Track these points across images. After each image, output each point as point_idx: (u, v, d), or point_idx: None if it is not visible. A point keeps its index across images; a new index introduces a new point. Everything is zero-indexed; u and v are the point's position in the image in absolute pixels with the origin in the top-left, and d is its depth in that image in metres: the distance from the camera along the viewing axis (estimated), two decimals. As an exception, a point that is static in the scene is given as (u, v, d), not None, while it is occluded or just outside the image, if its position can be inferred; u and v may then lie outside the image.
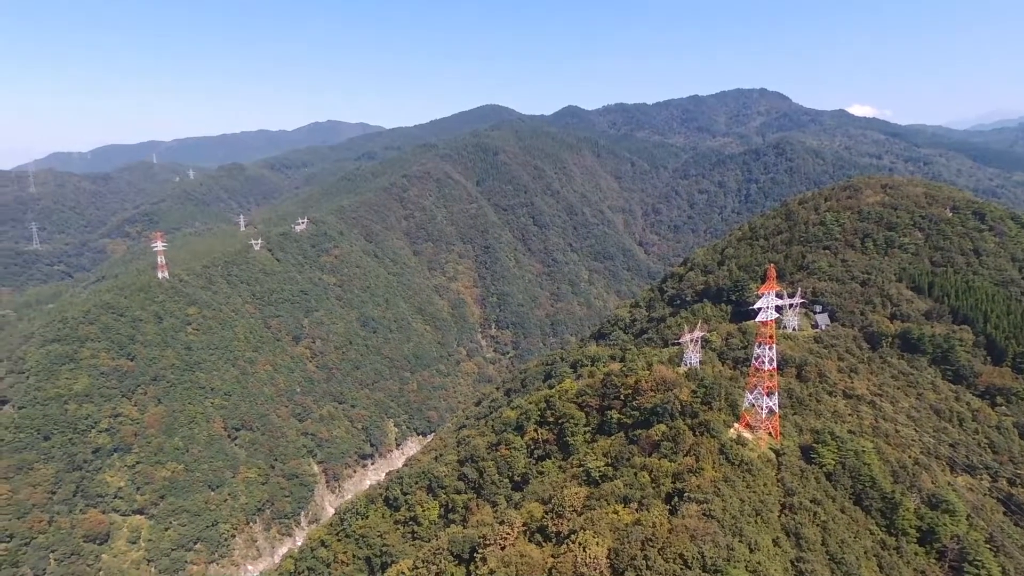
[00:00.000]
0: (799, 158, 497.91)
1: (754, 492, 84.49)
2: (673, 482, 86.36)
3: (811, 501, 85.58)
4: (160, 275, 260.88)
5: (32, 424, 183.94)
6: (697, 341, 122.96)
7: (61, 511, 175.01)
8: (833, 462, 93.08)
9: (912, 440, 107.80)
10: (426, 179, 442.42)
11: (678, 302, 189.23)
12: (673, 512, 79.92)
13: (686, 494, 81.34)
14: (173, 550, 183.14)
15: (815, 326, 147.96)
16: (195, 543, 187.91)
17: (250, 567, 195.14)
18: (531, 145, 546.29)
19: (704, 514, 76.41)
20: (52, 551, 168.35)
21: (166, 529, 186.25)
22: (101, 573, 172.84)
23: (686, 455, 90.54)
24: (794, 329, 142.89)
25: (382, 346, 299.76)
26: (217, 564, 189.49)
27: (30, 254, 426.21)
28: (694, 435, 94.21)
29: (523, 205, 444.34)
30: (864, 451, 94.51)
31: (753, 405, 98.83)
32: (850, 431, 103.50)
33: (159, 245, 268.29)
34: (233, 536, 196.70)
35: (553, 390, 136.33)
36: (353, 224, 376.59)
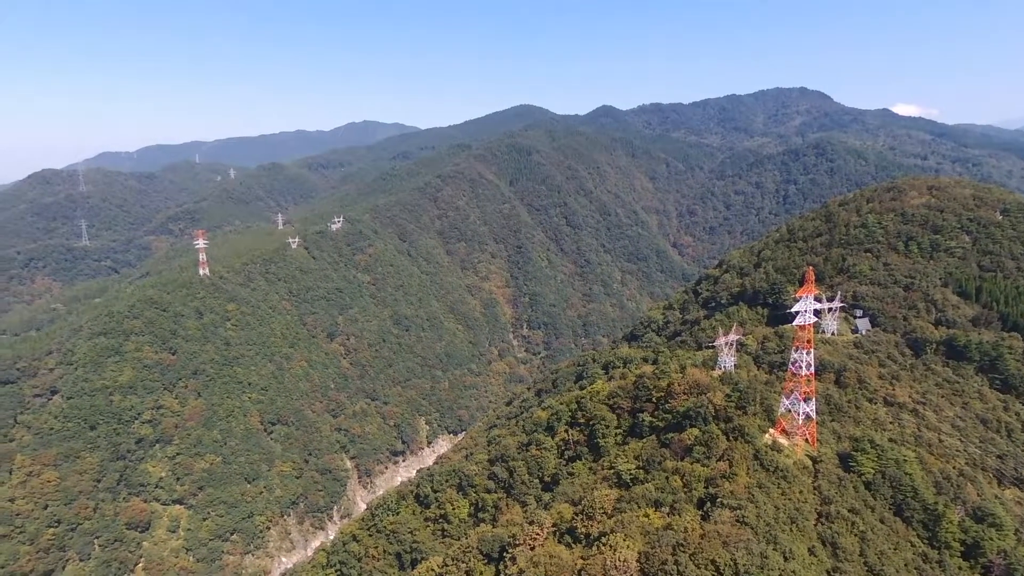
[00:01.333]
0: (840, 159, 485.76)
1: (789, 499, 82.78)
2: (706, 487, 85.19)
3: (849, 510, 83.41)
4: (201, 272, 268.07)
5: (79, 414, 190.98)
6: (732, 344, 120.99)
7: (105, 499, 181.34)
8: (873, 471, 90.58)
9: (957, 450, 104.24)
10: (460, 179, 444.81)
11: (713, 304, 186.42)
12: (705, 518, 78.81)
13: (719, 499, 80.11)
14: (210, 540, 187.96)
15: (855, 331, 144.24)
16: (231, 534, 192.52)
17: (284, 559, 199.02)
18: (565, 145, 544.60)
19: (737, 520, 75.20)
20: (97, 537, 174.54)
21: (204, 519, 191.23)
22: (142, 560, 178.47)
23: (719, 460, 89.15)
24: (833, 334, 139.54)
25: (414, 344, 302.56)
26: (252, 555, 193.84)
27: (79, 250, 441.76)
28: (728, 440, 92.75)
29: (556, 205, 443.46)
30: (906, 460, 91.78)
31: (789, 411, 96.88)
32: (891, 439, 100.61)
33: (201, 243, 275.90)
34: (268, 528, 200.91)
35: (584, 391, 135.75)
36: (387, 223, 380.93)
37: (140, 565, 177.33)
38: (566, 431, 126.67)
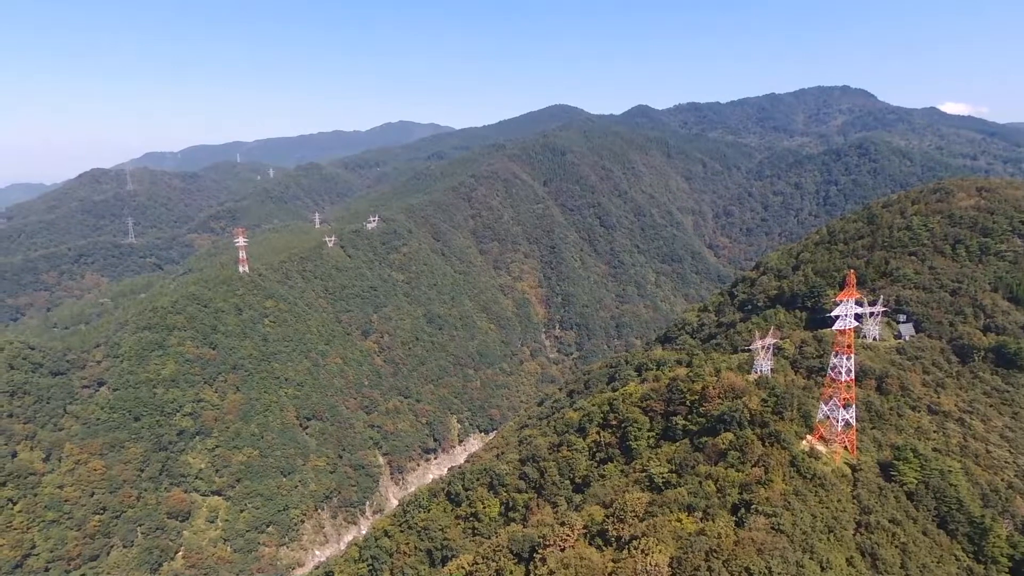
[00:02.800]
0: (884, 159, 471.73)
1: (827, 508, 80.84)
2: (740, 493, 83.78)
3: (890, 521, 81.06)
4: (241, 269, 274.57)
5: (124, 405, 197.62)
6: (769, 348, 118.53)
7: (148, 488, 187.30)
8: (915, 481, 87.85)
9: (1006, 462, 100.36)
10: (493, 179, 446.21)
11: (749, 307, 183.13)
12: (739, 524, 77.57)
13: (754, 506, 78.74)
14: (247, 531, 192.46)
15: (898, 336, 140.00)
16: (267, 526, 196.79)
17: (317, 552, 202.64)
18: (599, 145, 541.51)
19: (772, 528, 73.81)
20: (139, 524, 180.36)
21: (241, 511, 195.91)
22: (182, 549, 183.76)
23: (754, 466, 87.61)
24: (875, 339, 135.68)
25: (447, 343, 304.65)
26: (287, 547, 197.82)
27: (126, 247, 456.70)
28: (763, 445, 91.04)
29: (590, 206, 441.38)
30: (950, 471, 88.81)
31: (828, 417, 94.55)
32: (935, 449, 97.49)
33: (241, 241, 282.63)
34: (302, 521, 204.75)
35: (617, 393, 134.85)
36: (422, 223, 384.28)
37: (180, 554, 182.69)
38: (598, 433, 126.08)
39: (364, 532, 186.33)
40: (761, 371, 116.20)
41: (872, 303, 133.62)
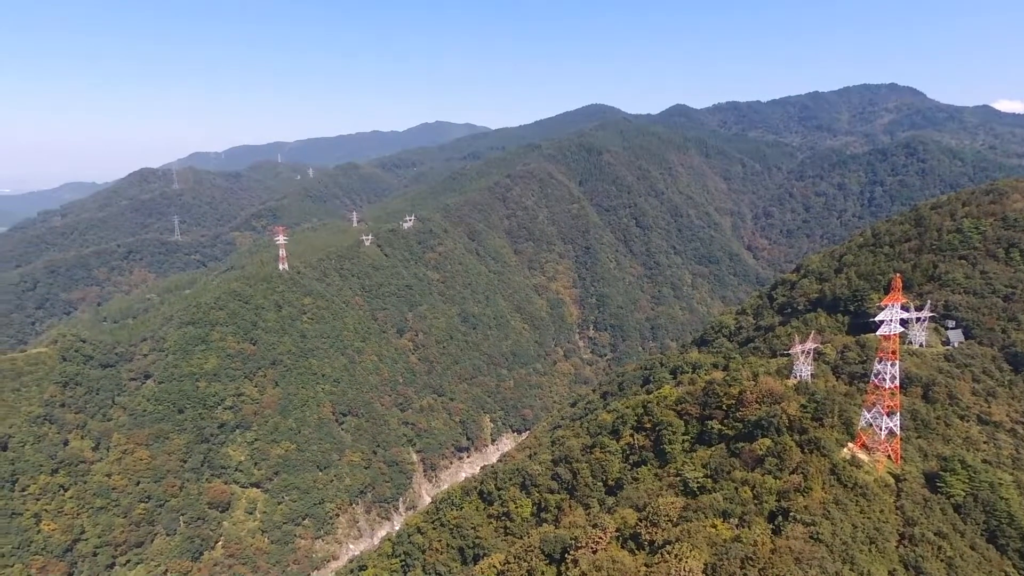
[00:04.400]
0: (933, 159, 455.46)
1: (868, 518, 78.56)
2: (777, 500, 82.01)
3: (935, 534, 78.24)
4: (281, 267, 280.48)
5: (169, 398, 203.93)
6: (809, 353, 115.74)
7: (190, 478, 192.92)
8: (963, 493, 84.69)
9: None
10: (529, 179, 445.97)
11: (789, 310, 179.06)
12: (776, 532, 75.96)
13: (791, 514, 76.98)
14: (284, 523, 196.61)
15: (946, 343, 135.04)
16: (303, 519, 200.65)
17: (352, 546, 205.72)
18: (636, 145, 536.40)
19: (811, 537, 72.08)
20: (182, 514, 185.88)
21: (279, 503, 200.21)
22: (222, 539, 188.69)
23: (792, 473, 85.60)
24: (921, 345, 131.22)
25: (481, 342, 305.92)
26: (322, 540, 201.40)
27: (172, 244, 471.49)
28: (802, 452, 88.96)
29: (626, 206, 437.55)
30: (1001, 483, 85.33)
31: (871, 425, 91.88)
32: (984, 460, 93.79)
33: (281, 239, 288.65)
34: (337, 515, 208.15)
35: (651, 395, 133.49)
36: (457, 222, 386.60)
37: (220, 543, 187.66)
38: (631, 435, 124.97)
39: (397, 528, 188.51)
40: (801, 376, 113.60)
41: (919, 308, 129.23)
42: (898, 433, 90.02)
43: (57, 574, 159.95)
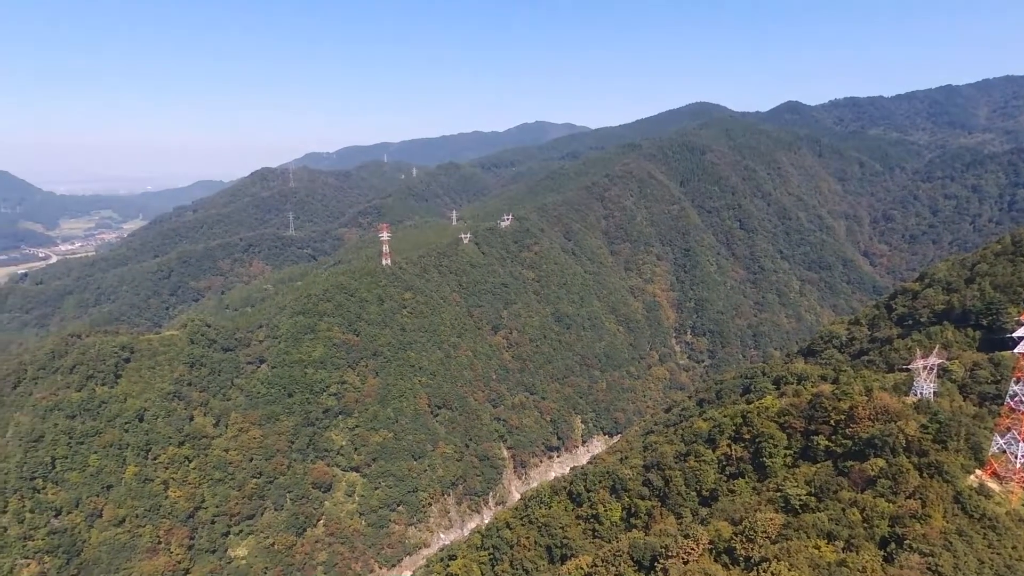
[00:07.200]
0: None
1: (998, 554, 71.23)
2: (890, 526, 76.24)
3: (1080, 578, 69.80)
4: (384, 262, 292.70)
5: (280, 382, 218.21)
6: (932, 369, 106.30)
7: (297, 459, 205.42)
8: (1116, 535, 74.90)
9: None
10: (628, 179, 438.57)
11: (909, 322, 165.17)
12: (888, 560, 70.65)
13: (906, 541, 71.35)
14: (380, 508, 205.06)
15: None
16: (398, 505, 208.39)
17: (442, 535, 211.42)
18: (743, 144, 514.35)
19: (929, 568, 66.50)
20: (289, 491, 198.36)
21: (375, 488, 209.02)
22: (323, 518, 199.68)
23: (909, 497, 79.20)
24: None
25: (574, 343, 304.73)
26: (415, 527, 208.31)
27: (287, 239, 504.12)
28: (921, 476, 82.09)
29: (729, 207, 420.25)
30: None
31: (1004, 451, 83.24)
32: None
33: (384, 235, 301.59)
34: (430, 504, 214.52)
35: (751, 406, 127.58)
36: (554, 222, 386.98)
37: (321, 522, 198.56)
38: (728, 445, 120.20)
39: (487, 521, 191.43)
40: (922, 394, 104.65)
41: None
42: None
43: (180, 537, 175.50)
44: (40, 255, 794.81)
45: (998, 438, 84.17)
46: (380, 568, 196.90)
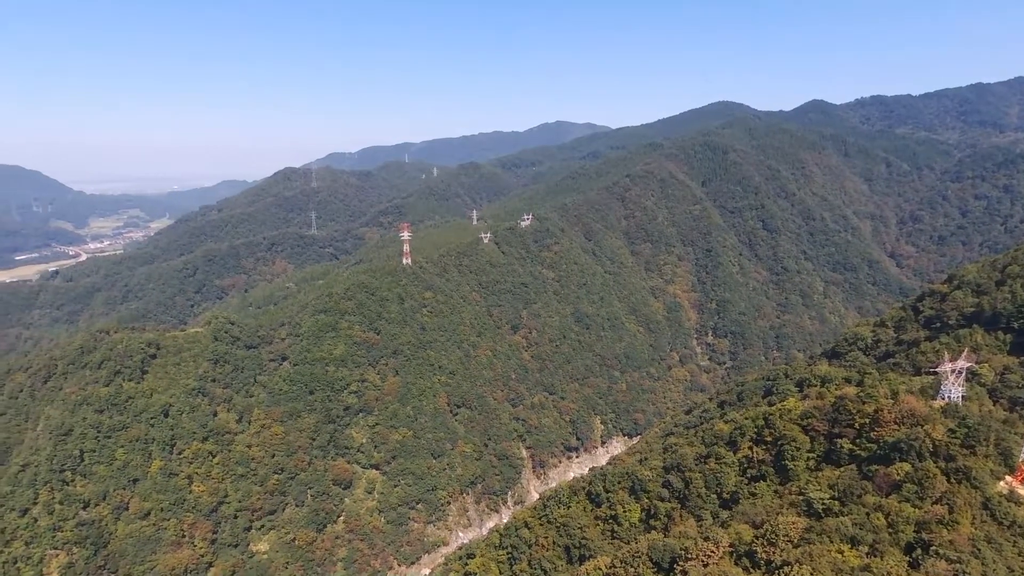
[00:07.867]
0: None
1: (1029, 563, 69.58)
2: (916, 531, 74.85)
3: (1115, 589, 67.88)
4: (405, 261, 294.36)
5: (302, 379, 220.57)
6: (961, 372, 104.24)
7: (318, 455, 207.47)
8: None
9: None
10: (649, 179, 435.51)
11: (937, 325, 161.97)
12: (914, 566, 69.37)
13: (933, 548, 69.97)
14: (399, 505, 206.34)
15: None
16: (417, 503, 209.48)
17: (461, 534, 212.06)
18: (766, 143, 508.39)
19: (956, 575, 65.00)
20: (309, 488, 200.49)
21: (395, 486, 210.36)
22: (344, 514, 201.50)
23: (936, 503, 77.72)
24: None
25: (594, 343, 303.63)
26: (434, 525, 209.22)
27: (309, 238, 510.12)
28: (948, 481, 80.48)
29: (752, 208, 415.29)
30: None
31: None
32: None
33: (405, 235, 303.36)
34: (449, 503, 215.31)
35: (774, 408, 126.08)
36: (574, 222, 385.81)
37: (342, 519, 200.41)
38: (750, 448, 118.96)
39: (505, 520, 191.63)
40: (949, 398, 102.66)
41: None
42: (1071, 470, 79.00)
43: (204, 531, 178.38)
44: (70, 253, 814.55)
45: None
46: (399, 565, 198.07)
